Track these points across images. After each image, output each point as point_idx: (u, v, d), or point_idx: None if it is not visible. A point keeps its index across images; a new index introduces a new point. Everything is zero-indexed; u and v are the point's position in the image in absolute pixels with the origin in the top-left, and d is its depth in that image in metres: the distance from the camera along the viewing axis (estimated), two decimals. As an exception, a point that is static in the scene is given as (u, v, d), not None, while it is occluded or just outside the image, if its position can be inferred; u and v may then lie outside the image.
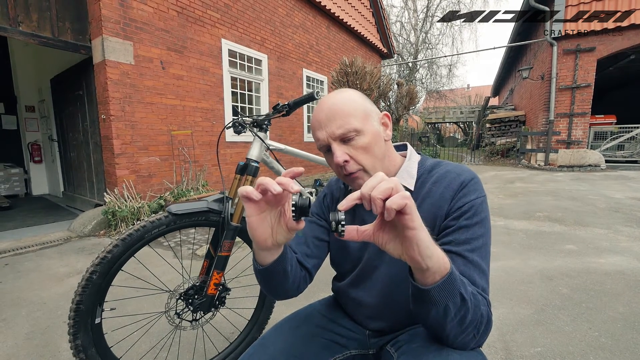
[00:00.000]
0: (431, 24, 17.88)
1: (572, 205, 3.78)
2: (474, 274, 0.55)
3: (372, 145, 0.63)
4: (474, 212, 0.59)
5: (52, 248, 2.71)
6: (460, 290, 0.46)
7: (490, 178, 6.43)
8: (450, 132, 26.62)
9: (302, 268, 0.71)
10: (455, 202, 0.61)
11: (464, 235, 0.58)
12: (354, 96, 0.66)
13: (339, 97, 0.65)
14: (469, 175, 0.63)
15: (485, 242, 0.58)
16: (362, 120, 0.63)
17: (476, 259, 0.56)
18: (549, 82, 7.74)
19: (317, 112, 0.66)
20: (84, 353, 0.90)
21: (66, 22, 3.16)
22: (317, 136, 0.65)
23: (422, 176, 0.68)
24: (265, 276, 0.61)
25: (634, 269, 2.00)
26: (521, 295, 1.73)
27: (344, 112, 0.63)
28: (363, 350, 0.76)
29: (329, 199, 0.80)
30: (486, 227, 0.60)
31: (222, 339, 1.37)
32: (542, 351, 1.27)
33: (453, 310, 0.47)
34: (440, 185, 0.64)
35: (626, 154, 8.24)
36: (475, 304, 0.49)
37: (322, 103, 0.66)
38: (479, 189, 0.62)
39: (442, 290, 0.45)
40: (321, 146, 0.66)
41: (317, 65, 6.67)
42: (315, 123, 0.66)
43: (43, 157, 5.15)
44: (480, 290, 0.54)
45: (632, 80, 11.43)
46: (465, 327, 0.49)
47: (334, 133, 0.62)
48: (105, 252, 0.92)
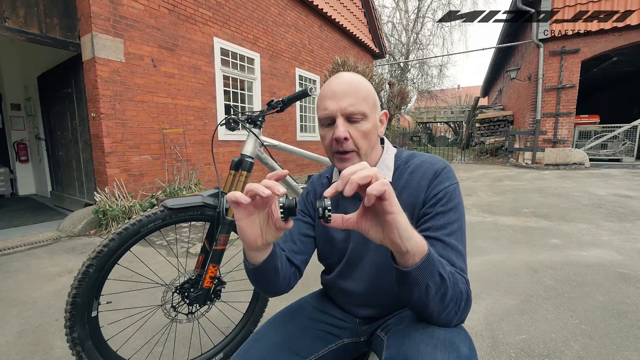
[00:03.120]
0: (422, 24, 18.10)
1: (558, 202, 3.90)
2: (452, 256, 0.59)
3: (371, 133, 0.66)
4: (448, 198, 0.63)
5: (41, 248, 2.67)
6: (439, 269, 0.50)
7: (479, 176, 6.56)
8: (441, 131, 26.98)
9: (291, 265, 0.73)
10: (431, 190, 0.65)
11: (440, 221, 0.62)
12: (369, 85, 0.68)
13: (358, 78, 0.66)
14: (442, 165, 0.67)
15: (460, 225, 0.63)
16: (371, 108, 0.66)
17: (453, 242, 0.60)
18: (536, 82, 7.94)
19: (333, 82, 0.66)
20: (81, 346, 0.91)
21: (54, 19, 3.10)
22: (326, 105, 0.65)
23: (399, 168, 0.71)
24: (256, 275, 0.63)
25: (613, 261, 2.10)
26: (507, 286, 1.79)
27: (360, 94, 0.64)
28: (355, 338, 0.79)
29: (312, 196, 0.83)
30: (460, 212, 0.64)
31: (218, 333, 1.39)
32: (527, 338, 1.33)
33: (434, 289, 0.50)
34: (416, 175, 0.67)
35: (609, 152, 8.52)
36: (454, 282, 0.52)
37: (340, 75, 0.67)
38: (451, 176, 0.66)
39: (422, 271, 0.48)
40: (326, 117, 0.66)
41: (309, 65, 6.69)
42: (329, 92, 0.65)
43: (30, 157, 5.04)
44: (459, 270, 0.58)
45: (615, 82, 11.81)
46: (446, 304, 0.52)
47: (345, 109, 0.63)
48: (101, 245, 0.93)
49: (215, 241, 1.09)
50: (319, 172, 0.87)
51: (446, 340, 0.52)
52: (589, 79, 10.33)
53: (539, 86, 7.88)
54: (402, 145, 12.12)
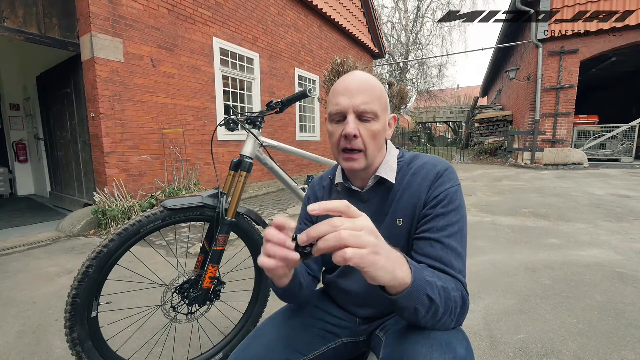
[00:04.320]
0: (421, 24, 18.11)
1: (556, 202, 3.92)
2: (451, 258, 0.60)
3: (380, 134, 0.67)
4: (449, 200, 0.63)
5: (40, 248, 2.66)
6: (427, 292, 0.49)
7: (478, 176, 6.58)
8: (440, 131, 26.99)
9: (309, 274, 0.77)
10: (432, 191, 0.65)
11: (440, 222, 0.62)
12: (383, 87, 0.69)
13: (373, 78, 0.67)
14: (444, 166, 0.67)
15: (460, 227, 0.63)
16: (382, 109, 0.66)
17: (453, 244, 0.61)
18: (535, 82, 7.96)
19: (348, 78, 0.65)
20: (80, 346, 0.91)
21: (53, 19, 3.10)
22: (339, 101, 0.64)
23: (402, 169, 0.71)
24: (285, 294, 0.69)
25: (611, 261, 2.11)
26: (506, 286, 1.80)
27: (374, 93, 0.64)
28: (354, 337, 0.79)
29: (313, 201, 0.83)
30: (461, 214, 0.64)
31: (217, 333, 1.39)
32: (525, 338, 1.34)
33: (423, 311, 0.50)
34: (418, 176, 0.68)
35: (607, 152, 8.54)
36: (445, 297, 0.52)
37: (355, 73, 0.66)
38: (453, 178, 0.66)
39: (408, 298, 0.48)
40: (337, 112, 0.65)
41: (309, 65, 6.69)
42: (342, 88, 0.65)
43: (28, 157, 5.03)
44: (457, 272, 0.59)
45: (613, 82, 11.84)
46: (438, 319, 0.53)
47: (358, 106, 0.63)
48: (101, 246, 0.93)
49: (215, 241, 1.10)
50: (318, 173, 0.88)
51: (443, 340, 0.53)
52: (587, 79, 10.35)
53: (538, 86, 7.89)
54: (402, 145, 12.14)
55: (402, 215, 0.68)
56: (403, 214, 0.68)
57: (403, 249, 0.67)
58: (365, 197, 0.73)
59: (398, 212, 0.68)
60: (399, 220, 0.68)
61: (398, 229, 0.68)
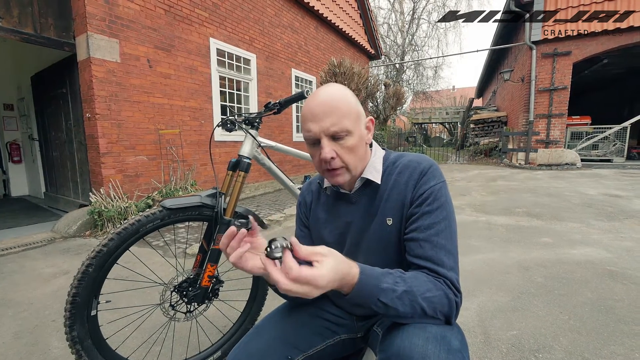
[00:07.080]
0: (417, 26, 18.25)
1: (550, 202, 3.98)
2: (441, 256, 0.61)
3: (357, 146, 0.67)
4: (434, 197, 0.64)
5: (36, 249, 2.65)
6: (378, 297, 0.54)
7: (474, 176, 6.64)
8: (436, 132, 27.18)
9: None
10: (417, 189, 0.66)
11: (427, 221, 0.63)
12: (349, 97, 0.68)
13: (337, 93, 0.66)
14: (428, 164, 0.68)
15: (448, 224, 0.64)
16: (353, 123, 0.66)
17: (441, 241, 0.62)
18: (529, 84, 8.06)
19: (312, 104, 0.66)
20: (80, 344, 0.92)
21: (49, 19, 3.09)
22: (309, 128, 0.65)
23: (388, 169, 0.73)
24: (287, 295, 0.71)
25: (602, 259, 2.15)
26: (500, 284, 1.83)
27: (340, 112, 0.64)
28: (352, 334, 0.81)
29: (304, 207, 0.86)
30: (448, 210, 0.65)
31: (216, 331, 1.40)
32: (518, 334, 1.37)
33: (382, 310, 0.56)
34: (404, 175, 0.69)
35: (600, 153, 8.67)
36: (410, 299, 0.56)
37: (318, 95, 0.66)
38: (437, 175, 0.67)
39: (357, 296, 0.54)
40: (310, 138, 0.67)
41: (305, 66, 6.71)
42: (309, 115, 0.66)
43: (23, 157, 4.98)
44: (448, 270, 0.60)
45: (605, 84, 12.03)
46: (408, 319, 0.57)
47: (328, 129, 0.64)
48: (101, 245, 0.94)
49: (214, 241, 1.11)
50: (315, 173, 0.90)
51: (438, 334, 0.55)
52: (580, 80, 10.51)
53: (532, 88, 8.00)
54: (398, 146, 12.19)
55: (392, 214, 0.69)
56: (392, 214, 0.69)
57: (395, 248, 0.70)
58: (354, 199, 0.75)
59: (387, 211, 0.69)
60: (389, 219, 0.69)
61: (388, 228, 0.69)
